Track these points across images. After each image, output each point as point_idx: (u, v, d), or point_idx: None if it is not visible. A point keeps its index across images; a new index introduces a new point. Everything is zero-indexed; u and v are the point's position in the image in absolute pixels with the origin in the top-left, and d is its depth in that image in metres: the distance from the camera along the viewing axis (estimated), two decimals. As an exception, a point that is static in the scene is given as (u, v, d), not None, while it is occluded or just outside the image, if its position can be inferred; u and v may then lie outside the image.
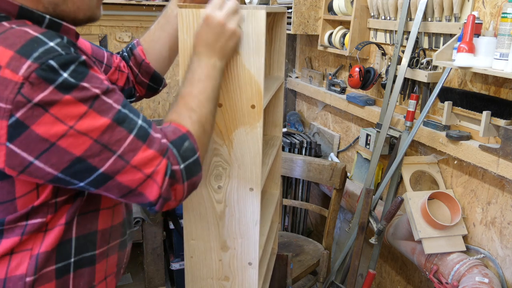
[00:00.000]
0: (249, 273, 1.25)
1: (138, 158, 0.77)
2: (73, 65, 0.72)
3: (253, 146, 1.13)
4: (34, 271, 0.82)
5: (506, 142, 1.46)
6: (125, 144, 0.76)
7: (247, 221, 1.20)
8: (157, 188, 0.80)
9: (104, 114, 0.75)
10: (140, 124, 0.80)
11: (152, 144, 0.79)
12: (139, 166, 0.78)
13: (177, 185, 0.82)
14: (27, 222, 0.81)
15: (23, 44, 0.71)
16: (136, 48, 1.20)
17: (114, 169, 0.76)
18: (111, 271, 0.98)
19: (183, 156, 0.83)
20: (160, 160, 0.79)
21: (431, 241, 1.72)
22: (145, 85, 1.23)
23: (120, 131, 0.76)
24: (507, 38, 1.38)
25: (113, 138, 0.75)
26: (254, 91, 1.08)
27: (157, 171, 0.79)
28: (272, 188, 1.68)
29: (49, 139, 0.71)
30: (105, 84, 0.77)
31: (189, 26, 1.05)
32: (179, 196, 0.84)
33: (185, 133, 0.86)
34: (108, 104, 0.76)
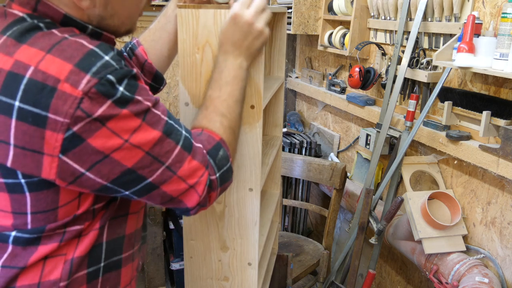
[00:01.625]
0: (249, 273, 1.25)
1: (184, 169, 0.80)
2: (126, 79, 0.73)
3: (253, 146, 1.13)
4: (68, 276, 0.82)
5: (506, 142, 1.46)
6: (173, 155, 0.79)
7: (247, 221, 1.20)
8: (197, 197, 0.83)
9: (155, 126, 0.77)
10: (185, 134, 0.82)
11: (195, 154, 0.82)
12: (184, 177, 0.80)
13: (213, 192, 0.86)
14: (65, 229, 0.81)
15: (81, 58, 0.71)
16: (137, 48, 1.19)
17: (161, 179, 0.79)
18: (134, 274, 0.99)
19: (218, 165, 0.86)
20: (203, 172, 0.82)
21: (431, 241, 1.72)
22: (148, 85, 1.21)
23: (169, 142, 0.78)
24: (507, 38, 1.38)
25: (163, 150, 0.77)
26: (253, 91, 1.08)
27: (200, 182, 0.82)
28: (272, 188, 1.67)
29: (104, 152, 0.72)
30: (152, 96, 0.78)
31: (188, 26, 1.05)
32: (212, 200, 0.88)
33: (218, 141, 0.88)
34: (158, 116, 0.78)
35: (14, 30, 0.74)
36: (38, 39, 0.73)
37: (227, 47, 0.98)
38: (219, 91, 0.94)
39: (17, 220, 0.78)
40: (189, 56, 1.08)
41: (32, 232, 0.79)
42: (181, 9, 1.04)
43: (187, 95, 1.11)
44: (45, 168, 0.72)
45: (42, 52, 0.71)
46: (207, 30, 1.05)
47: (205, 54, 1.07)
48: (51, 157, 0.71)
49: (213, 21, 1.04)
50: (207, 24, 1.04)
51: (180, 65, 1.09)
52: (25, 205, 0.77)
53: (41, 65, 0.70)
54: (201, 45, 1.06)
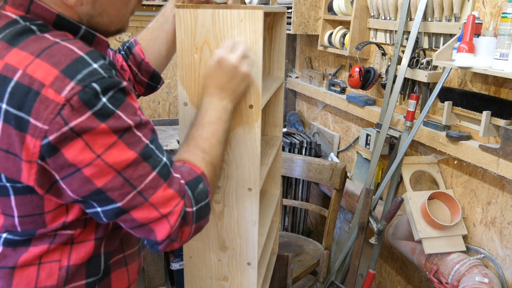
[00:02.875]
0: (248, 273, 1.25)
1: (157, 196, 0.76)
2: (112, 91, 0.72)
3: (251, 146, 1.13)
4: (64, 283, 0.82)
5: (506, 142, 1.46)
6: (146, 181, 0.75)
7: (246, 221, 1.20)
8: (168, 228, 0.78)
9: (132, 147, 0.74)
10: (164, 161, 0.78)
11: (172, 183, 0.78)
12: (157, 205, 0.77)
13: (186, 227, 0.81)
14: (56, 232, 0.81)
15: (68, 64, 0.70)
16: (134, 47, 1.19)
17: (131, 204, 0.75)
18: (134, 278, 0.99)
19: (197, 198, 0.83)
20: (178, 201, 0.78)
21: (431, 241, 1.72)
22: (144, 84, 1.22)
23: (144, 166, 0.75)
24: (507, 38, 1.38)
25: (136, 173, 0.74)
26: (252, 91, 1.08)
27: (174, 212, 0.78)
28: (272, 188, 1.67)
29: (76, 165, 0.71)
30: (138, 115, 0.76)
31: (187, 26, 1.05)
32: (184, 238, 0.82)
33: (200, 175, 0.85)
34: (137, 137, 0.75)
35: (6, 33, 0.74)
36: (30, 43, 0.72)
37: (213, 90, 0.99)
38: (202, 130, 0.93)
39: (7, 222, 0.79)
40: (188, 56, 1.08)
41: (22, 235, 0.80)
42: (179, 9, 1.04)
43: (185, 95, 1.11)
44: (24, 174, 0.72)
45: (32, 56, 0.71)
46: (205, 30, 1.05)
47: (203, 54, 1.07)
48: (29, 163, 0.71)
49: (211, 21, 1.04)
50: (205, 24, 1.04)
51: (178, 65, 1.09)
52: (11, 208, 0.78)
53: (28, 69, 0.70)
54: (200, 45, 1.06)
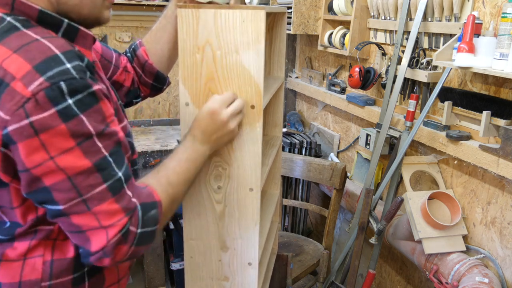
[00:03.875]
0: (249, 273, 1.25)
1: (101, 208, 0.77)
2: (80, 94, 0.73)
3: (253, 147, 1.13)
4: (50, 277, 0.85)
5: (506, 142, 1.46)
6: (94, 191, 0.76)
7: (247, 221, 1.20)
8: (104, 240, 0.78)
9: (89, 156, 0.74)
10: (119, 176, 0.79)
11: (120, 199, 0.79)
12: (99, 215, 0.77)
13: (124, 246, 0.80)
14: (37, 228, 0.84)
15: (41, 61, 0.72)
16: (139, 49, 1.21)
17: (73, 210, 0.76)
18: (124, 274, 1.01)
19: (144, 222, 0.83)
20: (121, 217, 0.78)
21: (431, 241, 1.72)
22: (149, 85, 1.24)
23: (96, 177, 0.76)
24: (507, 38, 1.38)
25: (85, 182, 0.75)
26: (253, 91, 1.08)
27: (114, 226, 0.78)
28: (272, 188, 1.67)
29: (25, 164, 0.72)
30: (103, 125, 0.76)
31: (189, 26, 1.05)
32: (119, 257, 0.81)
33: (156, 202, 0.86)
34: (97, 147, 0.75)
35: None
36: (12, 39, 0.75)
37: (198, 134, 1.02)
38: (176, 164, 0.96)
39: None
40: (190, 56, 1.08)
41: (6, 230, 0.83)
42: (181, 9, 1.04)
43: (187, 95, 1.11)
44: None
45: (10, 51, 0.73)
46: (207, 30, 1.05)
47: (205, 54, 1.07)
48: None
49: (213, 21, 1.04)
50: (207, 24, 1.04)
51: (180, 65, 1.09)
52: None
53: (5, 63, 0.72)
54: (201, 45, 1.06)
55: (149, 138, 2.71)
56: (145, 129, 2.96)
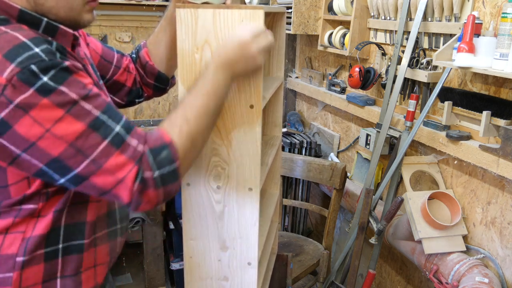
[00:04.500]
0: (248, 273, 1.25)
1: (110, 163, 0.81)
2: (53, 70, 0.76)
3: (252, 146, 1.13)
4: (24, 253, 0.88)
5: (506, 142, 1.46)
6: (98, 150, 0.80)
7: (246, 221, 1.20)
8: (128, 192, 0.83)
9: (81, 119, 0.79)
10: (117, 131, 0.82)
11: (125, 150, 0.82)
12: (111, 171, 0.81)
13: (149, 190, 0.84)
14: (21, 206, 0.88)
15: (9, 49, 0.76)
16: (141, 50, 1.24)
17: (88, 171, 0.80)
18: (103, 261, 1.03)
19: (158, 164, 0.85)
20: (131, 167, 0.82)
21: (431, 241, 1.72)
22: (151, 85, 1.26)
23: (95, 137, 0.80)
24: (507, 38, 1.38)
25: (87, 143, 0.79)
26: (252, 91, 1.08)
27: (128, 177, 0.82)
28: (272, 188, 1.67)
29: (30, 139, 0.77)
30: (86, 89, 0.80)
31: (187, 26, 1.05)
32: (153, 200, 0.86)
33: (166, 143, 0.87)
34: (86, 110, 0.79)
35: None
36: None
37: (222, 63, 0.98)
38: (195, 98, 0.94)
39: None
40: (188, 56, 1.08)
41: None
42: (180, 9, 1.04)
43: (186, 95, 1.11)
44: None
45: None
46: (206, 30, 1.05)
47: (204, 54, 1.07)
48: None
49: (212, 21, 1.04)
50: (206, 24, 1.04)
51: (179, 65, 1.09)
52: None
53: None
54: (200, 45, 1.06)
55: (149, 138, 2.70)
56: (145, 129, 2.96)
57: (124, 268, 2.92)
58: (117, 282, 2.77)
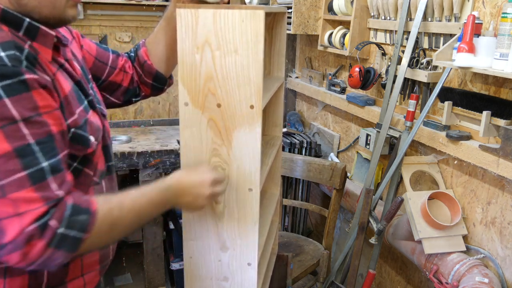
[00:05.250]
0: (248, 273, 1.25)
1: (17, 195, 0.73)
2: (10, 80, 0.73)
3: (252, 147, 1.13)
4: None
5: (506, 142, 1.46)
6: (11, 178, 0.73)
7: (246, 221, 1.20)
8: (17, 229, 0.72)
9: (10, 140, 0.73)
10: (42, 166, 0.75)
11: (41, 189, 0.75)
12: (15, 202, 0.73)
13: (39, 241, 0.74)
14: None
15: None
16: (140, 49, 1.23)
17: None
18: (92, 269, 1.01)
19: (70, 222, 0.77)
20: (39, 206, 0.74)
21: (431, 241, 1.72)
22: (149, 85, 1.26)
23: (15, 163, 0.73)
24: (507, 38, 1.38)
25: (3, 167, 0.73)
26: (253, 91, 1.08)
27: (28, 213, 0.73)
28: (272, 188, 1.67)
29: None
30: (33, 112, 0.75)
31: (188, 26, 1.05)
32: (31, 253, 0.74)
33: (90, 209, 0.81)
34: (21, 133, 0.74)
35: None
36: None
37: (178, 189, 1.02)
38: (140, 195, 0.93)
39: None
40: (189, 56, 1.08)
41: None
42: (180, 9, 1.04)
43: (186, 95, 1.11)
44: None
45: None
46: (207, 30, 1.05)
47: (204, 54, 1.07)
48: None
49: (213, 21, 1.04)
50: (206, 24, 1.04)
51: (179, 65, 1.09)
52: None
53: None
54: (201, 45, 1.06)
55: (149, 138, 2.71)
56: (145, 129, 2.96)
57: (124, 268, 2.92)
58: (117, 282, 2.77)
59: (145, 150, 2.43)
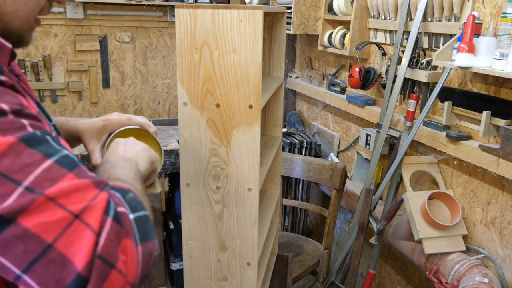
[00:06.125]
0: (248, 273, 1.25)
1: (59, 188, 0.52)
2: None
3: (251, 147, 1.13)
4: None
5: (506, 142, 1.46)
6: (37, 171, 0.52)
7: (246, 221, 1.20)
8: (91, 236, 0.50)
9: (8, 133, 0.52)
10: (66, 153, 0.57)
11: (82, 174, 0.56)
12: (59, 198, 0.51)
13: (128, 240, 0.54)
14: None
15: None
16: None
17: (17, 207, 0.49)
18: None
19: (130, 204, 0.59)
20: (96, 193, 0.54)
21: (431, 241, 1.72)
22: None
23: (31, 154, 0.52)
24: (507, 38, 1.38)
25: (17, 163, 0.51)
26: (251, 91, 1.08)
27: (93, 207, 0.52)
28: (272, 188, 1.67)
29: None
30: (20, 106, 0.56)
31: (186, 26, 1.05)
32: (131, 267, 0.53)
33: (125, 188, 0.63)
34: (18, 123, 0.54)
35: None
36: None
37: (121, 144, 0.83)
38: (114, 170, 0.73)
39: None
40: (187, 56, 1.08)
41: None
42: (179, 9, 1.04)
43: (185, 95, 1.11)
44: None
45: None
46: (205, 30, 1.05)
47: (203, 54, 1.07)
48: None
49: (211, 21, 1.04)
50: (204, 24, 1.04)
51: (178, 65, 1.09)
52: None
53: None
54: (199, 45, 1.06)
55: (149, 138, 2.70)
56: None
57: (124, 268, 2.91)
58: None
59: (145, 150, 2.43)
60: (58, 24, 2.89)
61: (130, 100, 3.12)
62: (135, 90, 3.12)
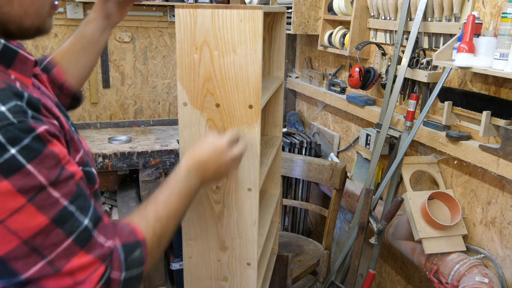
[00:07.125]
0: (248, 273, 1.25)
1: (72, 265, 0.66)
2: (26, 139, 0.60)
3: (251, 147, 1.13)
4: None
5: (506, 142, 1.46)
6: (59, 250, 0.65)
7: (246, 221, 1.20)
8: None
9: (44, 211, 0.63)
10: (85, 225, 0.68)
11: (91, 249, 0.69)
12: (71, 273, 0.66)
13: None
14: None
15: None
16: (52, 68, 1.05)
17: (41, 274, 0.64)
18: None
19: (128, 264, 0.74)
20: (97, 266, 0.69)
21: (431, 241, 1.72)
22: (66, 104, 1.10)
23: (58, 233, 0.65)
24: (507, 38, 1.38)
25: (47, 242, 0.64)
26: (251, 91, 1.08)
27: (90, 279, 0.68)
28: (272, 188, 1.67)
29: None
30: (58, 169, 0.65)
31: (186, 26, 1.05)
32: None
33: (139, 240, 0.77)
34: (53, 199, 0.64)
35: None
36: None
37: (197, 168, 0.96)
38: (168, 197, 0.88)
39: None
40: (187, 56, 1.08)
41: None
42: (179, 9, 1.04)
43: (185, 95, 1.11)
44: None
45: None
46: (205, 30, 1.05)
47: (203, 54, 1.07)
48: None
49: (211, 21, 1.04)
50: (204, 24, 1.04)
51: (178, 65, 1.09)
52: None
53: None
54: (199, 45, 1.06)
55: (149, 138, 2.71)
56: (145, 129, 2.96)
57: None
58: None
59: (145, 150, 2.43)
60: (58, 24, 2.89)
61: (130, 100, 3.12)
62: (135, 90, 3.12)
